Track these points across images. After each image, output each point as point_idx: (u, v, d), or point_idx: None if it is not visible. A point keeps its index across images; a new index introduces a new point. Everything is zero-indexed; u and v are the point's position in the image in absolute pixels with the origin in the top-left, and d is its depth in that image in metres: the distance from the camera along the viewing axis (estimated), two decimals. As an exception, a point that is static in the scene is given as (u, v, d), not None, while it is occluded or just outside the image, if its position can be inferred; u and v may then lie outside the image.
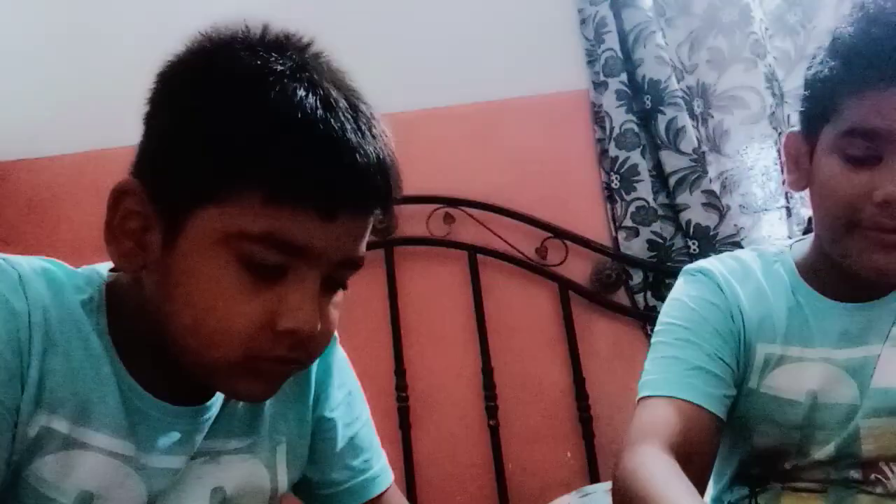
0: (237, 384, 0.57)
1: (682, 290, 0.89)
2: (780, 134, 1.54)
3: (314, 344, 0.59)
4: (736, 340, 0.84)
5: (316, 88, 0.54)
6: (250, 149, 0.52)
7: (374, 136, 0.56)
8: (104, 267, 0.64)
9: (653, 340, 0.87)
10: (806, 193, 0.84)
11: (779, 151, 1.52)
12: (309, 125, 0.52)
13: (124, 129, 0.65)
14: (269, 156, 0.52)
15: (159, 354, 0.60)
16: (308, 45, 0.59)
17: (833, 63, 0.77)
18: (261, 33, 0.57)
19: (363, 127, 0.55)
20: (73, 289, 0.59)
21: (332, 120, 0.53)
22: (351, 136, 0.53)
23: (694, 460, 0.73)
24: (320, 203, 0.53)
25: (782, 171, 0.88)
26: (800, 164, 0.83)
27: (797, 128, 0.85)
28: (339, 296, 0.61)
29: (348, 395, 0.77)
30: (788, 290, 0.86)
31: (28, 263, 0.58)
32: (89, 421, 0.57)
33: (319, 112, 0.53)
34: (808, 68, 0.82)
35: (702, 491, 0.73)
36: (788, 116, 1.56)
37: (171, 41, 0.61)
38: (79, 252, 0.68)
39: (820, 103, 0.79)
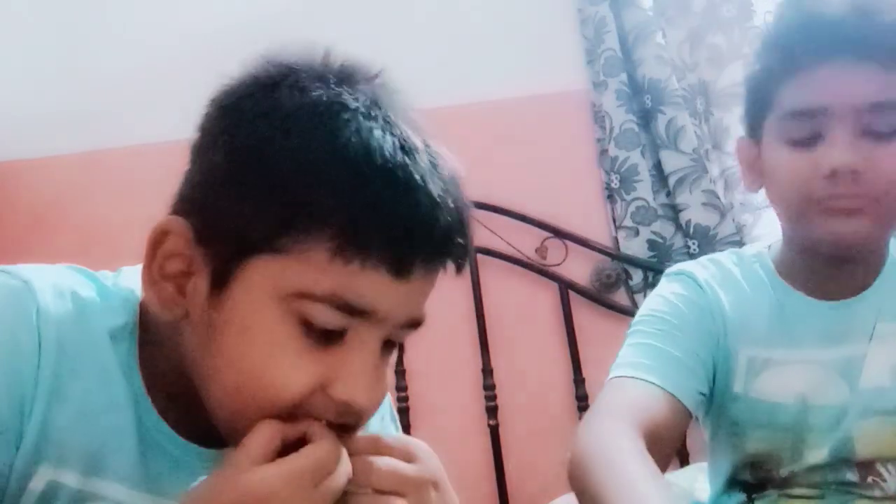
0: None
1: (665, 287, 0.89)
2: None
3: (367, 414, 0.53)
4: (715, 342, 0.84)
5: (393, 129, 0.49)
6: (321, 194, 0.46)
7: (452, 184, 0.51)
8: (137, 283, 0.56)
9: (631, 330, 0.86)
10: None
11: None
12: (388, 171, 0.47)
13: (124, 129, 0.65)
14: (343, 204, 0.46)
15: (193, 392, 0.54)
16: (376, 75, 0.54)
17: (765, 56, 0.80)
18: (326, 61, 0.52)
19: (443, 174, 0.50)
20: (103, 313, 0.53)
21: (411, 167, 0.48)
22: (431, 186, 0.48)
23: (657, 447, 0.71)
24: (394, 260, 0.48)
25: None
26: (753, 167, 0.85)
27: (742, 133, 0.87)
28: (394, 354, 0.56)
29: (381, 421, 0.72)
30: (769, 290, 0.85)
31: (55, 286, 0.52)
32: (103, 472, 0.52)
33: (399, 157, 0.47)
34: (746, 71, 0.85)
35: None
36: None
37: (171, 42, 0.61)
38: (81, 252, 0.68)
39: (759, 99, 0.81)
